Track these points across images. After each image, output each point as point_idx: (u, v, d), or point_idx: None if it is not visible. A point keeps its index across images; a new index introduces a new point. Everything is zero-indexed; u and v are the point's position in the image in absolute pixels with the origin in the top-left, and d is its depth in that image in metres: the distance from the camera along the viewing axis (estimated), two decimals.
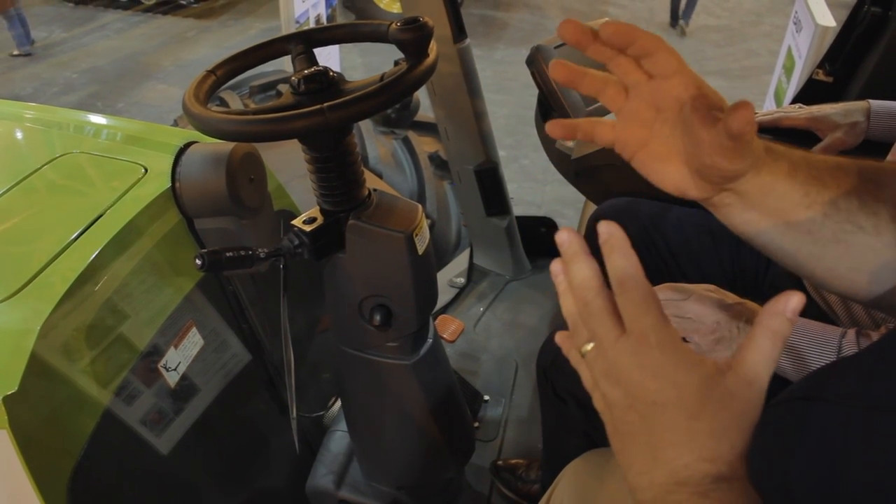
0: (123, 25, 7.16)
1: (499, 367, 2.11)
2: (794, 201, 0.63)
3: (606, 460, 1.01)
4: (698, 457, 0.51)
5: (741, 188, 0.64)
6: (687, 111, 0.62)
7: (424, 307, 1.11)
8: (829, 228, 0.63)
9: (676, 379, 0.52)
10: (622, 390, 0.55)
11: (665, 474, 0.52)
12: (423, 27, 0.87)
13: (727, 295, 1.01)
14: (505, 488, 1.70)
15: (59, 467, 0.93)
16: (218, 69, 0.97)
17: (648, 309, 0.54)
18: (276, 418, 1.48)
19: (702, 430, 0.52)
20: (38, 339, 0.90)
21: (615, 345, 0.55)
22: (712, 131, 0.59)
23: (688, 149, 0.64)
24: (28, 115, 1.45)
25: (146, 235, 1.12)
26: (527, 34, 6.59)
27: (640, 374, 0.53)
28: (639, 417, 0.54)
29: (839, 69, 1.71)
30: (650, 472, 0.53)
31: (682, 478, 0.51)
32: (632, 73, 0.65)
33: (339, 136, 0.96)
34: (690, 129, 0.62)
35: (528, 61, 1.67)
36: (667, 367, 0.53)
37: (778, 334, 0.52)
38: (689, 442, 0.52)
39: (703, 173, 0.63)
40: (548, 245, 2.55)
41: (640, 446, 0.54)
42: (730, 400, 0.52)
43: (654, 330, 0.53)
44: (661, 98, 0.64)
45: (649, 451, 0.53)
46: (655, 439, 0.53)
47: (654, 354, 0.53)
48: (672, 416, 0.52)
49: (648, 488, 0.53)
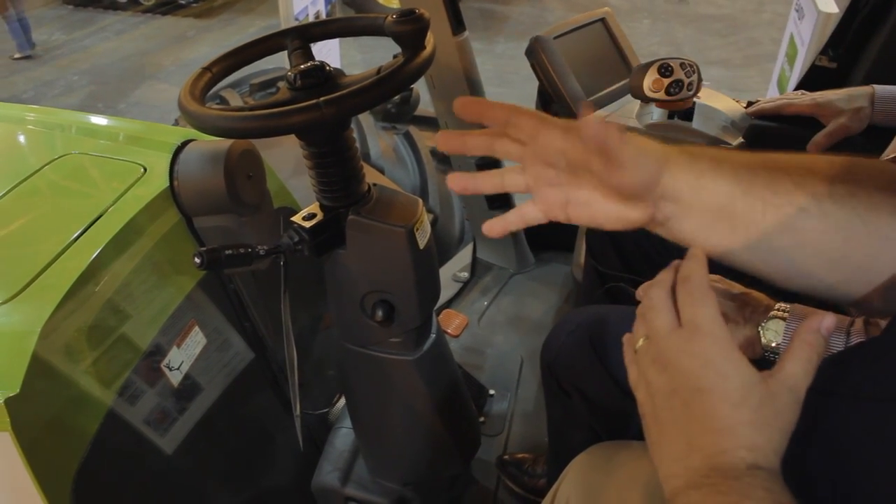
0: (123, 27, 7.16)
1: (503, 362, 2.10)
2: (727, 192, 0.63)
3: (612, 454, 1.01)
4: (736, 444, 0.53)
5: (669, 193, 0.64)
6: (571, 155, 0.64)
7: (427, 302, 1.10)
8: (771, 215, 0.63)
9: (724, 369, 0.55)
10: (668, 376, 0.58)
11: (702, 459, 0.53)
12: (418, 19, 0.86)
13: (733, 285, 1.01)
14: (511, 483, 1.69)
15: (62, 469, 0.93)
16: (213, 66, 0.97)
17: (705, 302, 0.57)
18: (280, 416, 1.48)
19: (742, 419, 0.53)
20: (40, 341, 0.90)
21: (669, 335, 0.59)
22: (593, 158, 0.62)
23: (596, 183, 0.65)
24: (29, 117, 1.44)
25: (146, 235, 1.11)
26: (527, 27, 6.58)
27: (689, 360, 0.56)
28: (681, 403, 0.56)
29: (843, 55, 1.69)
30: (686, 458, 0.54)
31: (719, 462, 0.52)
32: (509, 143, 0.68)
33: (336, 130, 0.96)
34: (583, 166, 0.64)
35: (527, 52, 1.66)
36: (716, 357, 0.55)
37: (814, 348, 0.55)
38: (729, 430, 0.53)
39: (623, 194, 0.64)
40: (551, 238, 2.54)
41: (679, 433, 0.56)
42: (770, 399, 0.54)
43: (707, 321, 0.56)
44: (546, 155, 0.66)
45: (687, 438, 0.55)
46: (696, 425, 0.55)
47: (704, 343, 0.56)
48: (715, 403, 0.54)
49: (682, 474, 0.54)
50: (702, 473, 0.53)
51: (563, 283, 2.41)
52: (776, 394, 0.54)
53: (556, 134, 0.64)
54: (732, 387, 0.54)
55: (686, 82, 1.42)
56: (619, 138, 0.60)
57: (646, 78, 1.42)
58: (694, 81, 1.43)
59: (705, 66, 1.27)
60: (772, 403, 0.54)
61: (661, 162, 0.63)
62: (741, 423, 0.53)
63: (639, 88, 1.44)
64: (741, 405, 0.54)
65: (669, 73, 1.41)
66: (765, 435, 0.53)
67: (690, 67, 1.42)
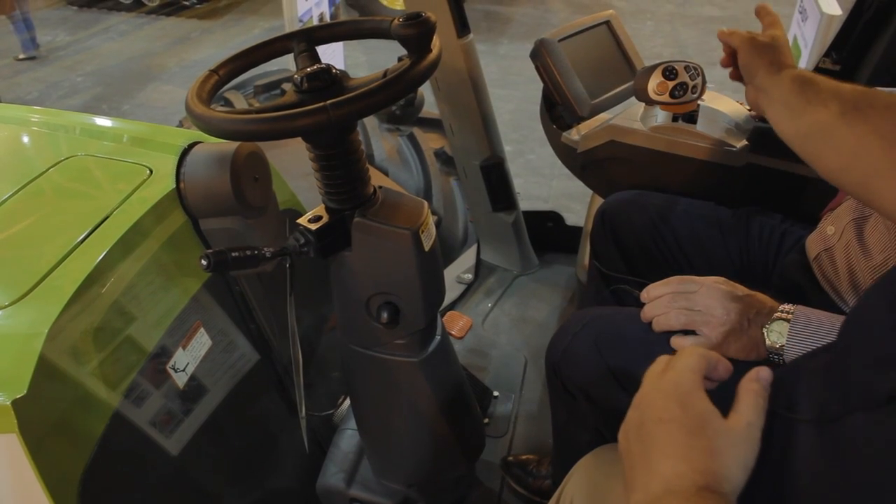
0: (127, 28, 7.18)
1: (508, 363, 2.10)
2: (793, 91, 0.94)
3: (617, 456, 1.00)
4: (690, 468, 0.57)
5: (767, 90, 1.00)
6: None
7: (432, 304, 1.11)
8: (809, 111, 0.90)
9: (684, 401, 0.62)
10: (639, 411, 0.65)
11: (659, 483, 0.58)
12: (425, 22, 0.86)
13: (737, 287, 1.01)
14: (516, 484, 1.70)
15: (69, 470, 0.93)
16: (220, 69, 0.97)
17: (689, 355, 0.66)
18: (285, 418, 1.48)
19: (698, 446, 0.59)
20: (47, 342, 0.90)
21: (651, 378, 0.67)
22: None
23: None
24: (34, 119, 1.45)
25: (152, 237, 1.12)
26: (531, 29, 6.57)
27: (655, 393, 0.64)
28: (647, 434, 0.62)
29: (846, 57, 1.69)
30: (647, 484, 0.59)
31: (673, 486, 0.57)
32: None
33: (342, 133, 0.96)
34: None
35: (532, 55, 1.66)
36: (679, 390, 0.63)
37: (758, 393, 0.63)
38: (685, 456, 0.58)
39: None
40: (554, 239, 2.54)
41: (644, 462, 0.61)
42: (727, 431, 0.60)
43: (681, 365, 0.65)
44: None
45: (648, 466, 0.60)
46: (656, 452, 0.60)
47: (672, 379, 0.64)
48: (673, 432, 0.60)
49: (643, 500, 0.59)
50: (657, 497, 0.57)
51: (567, 284, 2.41)
52: (733, 428, 0.60)
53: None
54: (691, 416, 0.60)
55: (690, 85, 1.42)
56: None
57: (650, 81, 1.42)
58: (698, 84, 1.43)
59: (709, 67, 1.26)
60: (729, 434, 0.59)
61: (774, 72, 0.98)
62: (696, 450, 0.58)
63: (643, 91, 1.44)
64: (698, 434, 0.59)
65: (674, 76, 1.41)
66: (718, 462, 0.58)
67: (695, 70, 1.42)
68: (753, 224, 1.36)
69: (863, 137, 0.83)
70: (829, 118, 0.87)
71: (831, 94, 0.88)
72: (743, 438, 0.59)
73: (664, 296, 1.02)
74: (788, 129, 0.96)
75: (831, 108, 0.87)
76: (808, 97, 0.91)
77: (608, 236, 1.49)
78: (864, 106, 0.84)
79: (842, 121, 0.85)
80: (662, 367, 0.68)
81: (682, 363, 0.65)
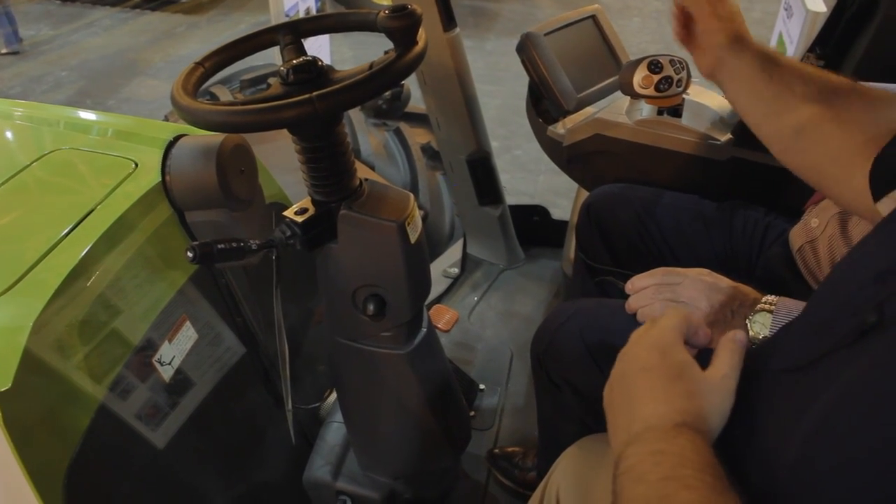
0: (112, 22, 7.12)
1: (494, 356, 2.11)
2: (760, 79, 0.93)
3: (602, 446, 1.01)
4: (670, 408, 0.62)
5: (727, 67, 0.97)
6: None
7: (418, 296, 1.11)
8: (772, 89, 0.92)
9: (665, 351, 0.66)
10: (622, 364, 0.70)
11: (641, 423, 0.62)
12: (411, 15, 0.86)
13: (720, 279, 1.02)
14: (502, 476, 1.70)
15: (54, 463, 0.93)
16: (206, 61, 0.97)
17: (672, 316, 0.71)
18: (271, 411, 1.48)
19: (676, 390, 0.63)
20: (31, 336, 0.89)
21: (635, 337, 0.71)
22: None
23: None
24: (17, 113, 1.44)
25: (138, 230, 1.11)
26: (518, 24, 6.57)
27: (637, 347, 0.69)
28: (630, 383, 0.67)
29: (830, 53, 1.71)
30: (629, 426, 0.63)
31: (653, 424, 0.61)
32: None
33: (328, 125, 0.96)
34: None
35: (518, 48, 1.67)
36: (659, 342, 0.67)
37: (735, 350, 0.67)
38: (665, 400, 0.63)
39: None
40: (540, 233, 2.55)
41: (625, 409, 0.66)
42: (704, 379, 0.64)
43: (664, 325, 0.69)
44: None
45: (630, 412, 0.65)
46: (638, 399, 0.64)
47: (654, 334, 0.69)
48: (654, 379, 0.65)
49: (626, 441, 0.62)
50: (638, 435, 0.61)
51: (553, 278, 2.42)
52: (710, 377, 0.64)
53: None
54: (671, 364, 0.65)
55: (675, 79, 1.43)
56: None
57: (635, 74, 1.43)
58: (683, 78, 1.44)
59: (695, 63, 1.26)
60: (705, 383, 0.64)
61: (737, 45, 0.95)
62: (675, 394, 0.63)
63: (628, 85, 1.45)
64: (677, 379, 0.64)
65: (659, 70, 1.42)
66: (695, 404, 0.62)
67: (680, 64, 1.43)
68: (737, 217, 1.37)
69: (823, 123, 0.85)
70: (792, 99, 0.89)
71: (796, 76, 0.90)
72: (719, 388, 0.64)
73: (649, 287, 1.03)
74: (748, 105, 0.98)
75: (795, 90, 0.89)
76: (771, 75, 0.92)
77: (594, 229, 1.50)
78: (828, 91, 0.87)
79: (804, 104, 0.88)
80: (647, 326, 0.72)
81: (665, 321, 0.70)
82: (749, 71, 0.95)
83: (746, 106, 0.99)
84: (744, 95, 0.98)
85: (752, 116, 0.98)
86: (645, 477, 0.57)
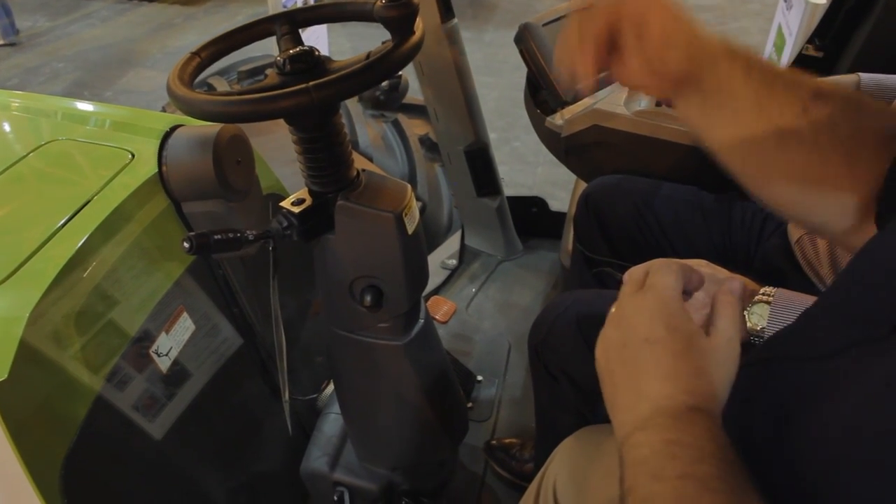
0: (109, 14, 7.09)
1: (491, 348, 2.11)
2: (746, 98, 0.72)
3: (599, 438, 1.02)
4: (679, 389, 0.58)
5: (704, 86, 0.73)
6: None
7: (415, 287, 1.11)
8: (772, 131, 0.72)
9: (670, 323, 0.61)
10: (621, 331, 0.64)
11: (648, 404, 0.58)
12: (408, 4, 0.86)
13: (718, 270, 1.01)
14: (499, 467, 1.71)
15: (51, 454, 0.93)
16: (202, 51, 0.96)
17: (666, 273, 0.65)
18: (269, 402, 1.48)
19: (684, 368, 0.59)
20: (28, 327, 0.89)
21: (630, 297, 0.65)
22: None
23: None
24: (14, 104, 1.43)
25: (134, 221, 1.11)
26: (516, 16, 6.55)
27: (639, 315, 0.63)
28: (631, 355, 0.61)
29: (829, 44, 1.70)
30: (635, 407, 0.59)
31: (663, 406, 0.57)
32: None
33: (325, 115, 0.96)
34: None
35: (516, 39, 1.66)
36: (663, 312, 0.62)
37: (732, 305, 0.64)
38: (673, 377, 0.58)
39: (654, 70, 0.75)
40: (539, 225, 2.55)
41: (629, 383, 0.61)
42: (711, 350, 0.60)
43: (661, 283, 0.64)
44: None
45: (635, 388, 0.60)
46: (643, 375, 0.60)
47: (654, 299, 0.63)
48: (660, 353, 0.60)
49: (631, 421, 0.59)
50: (647, 417, 0.57)
51: (551, 269, 2.42)
52: (717, 347, 0.61)
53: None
54: (677, 338, 0.60)
55: None
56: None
57: None
58: None
59: None
60: (713, 354, 0.60)
61: (705, 53, 0.74)
62: (683, 371, 0.58)
63: None
64: (684, 355, 0.59)
65: None
66: (704, 380, 0.59)
67: None
68: (735, 209, 1.37)
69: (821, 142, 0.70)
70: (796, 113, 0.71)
71: (796, 85, 0.72)
72: (726, 356, 0.61)
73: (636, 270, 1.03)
74: (749, 129, 0.74)
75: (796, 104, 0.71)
76: (776, 90, 0.72)
77: (592, 220, 1.50)
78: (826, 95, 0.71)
79: (804, 116, 0.70)
80: (637, 284, 0.66)
81: (661, 282, 0.64)
82: (748, 90, 0.73)
83: (742, 133, 0.75)
84: (745, 121, 0.74)
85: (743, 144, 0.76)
86: (661, 473, 0.54)
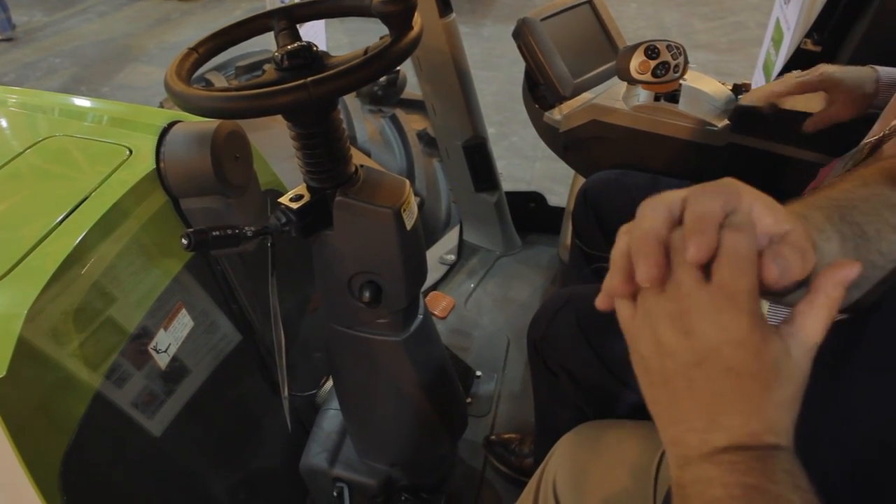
0: (106, 8, 7.07)
1: (490, 343, 2.11)
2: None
3: (599, 433, 1.02)
4: (765, 427, 0.50)
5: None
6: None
7: (414, 283, 1.11)
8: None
9: (759, 350, 0.50)
10: (691, 344, 0.52)
11: (725, 436, 0.51)
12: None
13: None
14: (498, 463, 1.71)
15: (50, 451, 0.93)
16: (199, 47, 0.96)
17: (748, 272, 0.50)
18: (268, 398, 1.48)
19: (772, 401, 0.51)
20: (26, 323, 0.89)
21: (697, 290, 0.51)
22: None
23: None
24: (11, 100, 1.43)
25: (132, 217, 1.11)
26: (514, 10, 6.54)
27: (720, 335, 0.50)
28: (705, 377, 0.52)
29: (827, 38, 1.70)
30: (706, 432, 0.52)
31: (745, 444, 0.50)
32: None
33: (324, 111, 0.95)
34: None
35: (514, 34, 1.66)
36: (753, 339, 0.50)
37: (835, 303, 0.50)
38: (759, 412, 0.51)
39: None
40: (537, 220, 2.55)
41: (700, 406, 0.52)
42: (796, 371, 0.51)
43: (745, 295, 0.50)
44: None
45: (710, 414, 0.52)
46: (722, 405, 0.51)
47: (742, 321, 0.50)
48: (747, 386, 0.50)
49: (698, 446, 0.52)
50: (721, 449, 0.51)
51: (550, 265, 2.42)
52: (799, 362, 0.51)
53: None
54: (766, 368, 0.50)
55: (672, 64, 1.42)
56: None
57: (632, 60, 1.43)
58: (680, 63, 1.43)
59: (692, 50, 1.26)
60: (798, 375, 0.51)
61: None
62: (771, 405, 0.51)
63: (625, 70, 1.44)
64: (772, 387, 0.50)
65: (656, 55, 1.41)
66: (791, 413, 0.51)
67: (677, 49, 1.43)
68: None
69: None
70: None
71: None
72: (805, 371, 0.51)
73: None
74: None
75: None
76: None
77: (590, 215, 1.50)
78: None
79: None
80: (696, 274, 0.51)
81: (746, 296, 0.50)
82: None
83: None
84: None
85: None
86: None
